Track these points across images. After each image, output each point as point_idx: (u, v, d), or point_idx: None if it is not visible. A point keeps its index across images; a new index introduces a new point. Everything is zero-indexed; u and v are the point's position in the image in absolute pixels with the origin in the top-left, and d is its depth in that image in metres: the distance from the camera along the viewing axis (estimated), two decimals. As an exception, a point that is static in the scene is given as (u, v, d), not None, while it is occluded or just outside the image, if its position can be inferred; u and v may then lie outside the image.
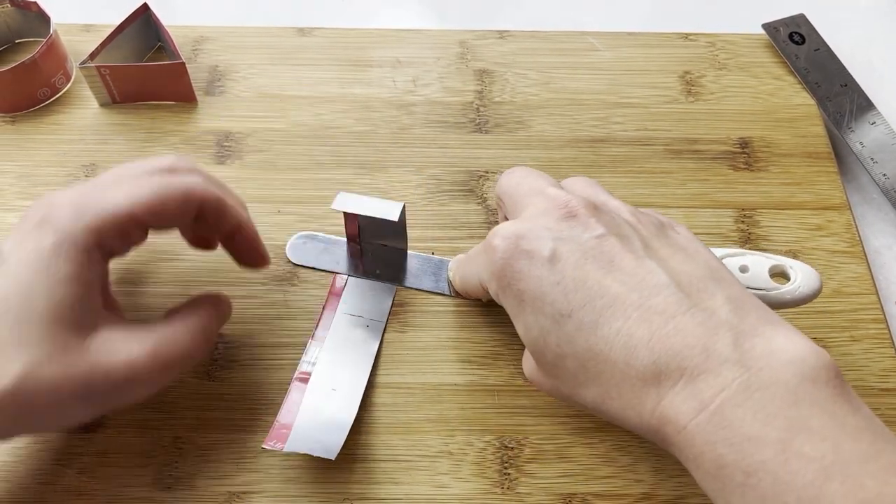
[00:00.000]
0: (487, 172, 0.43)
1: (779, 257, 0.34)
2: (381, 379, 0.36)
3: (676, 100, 0.47)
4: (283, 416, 0.34)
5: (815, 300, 0.39)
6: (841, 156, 0.46)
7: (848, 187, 0.44)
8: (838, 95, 0.47)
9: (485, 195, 0.43)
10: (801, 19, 0.51)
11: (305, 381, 0.36)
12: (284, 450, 0.33)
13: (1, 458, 0.34)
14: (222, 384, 0.36)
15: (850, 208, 0.42)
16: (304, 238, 0.40)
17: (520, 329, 0.29)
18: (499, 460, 0.34)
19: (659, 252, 0.28)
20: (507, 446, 0.35)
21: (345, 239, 0.40)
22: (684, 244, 0.29)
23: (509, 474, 0.34)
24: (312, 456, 0.34)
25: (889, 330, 0.38)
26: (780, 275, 0.34)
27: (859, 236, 0.41)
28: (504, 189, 0.33)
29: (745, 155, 0.45)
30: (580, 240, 0.28)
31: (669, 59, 0.49)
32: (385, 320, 0.38)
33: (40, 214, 0.29)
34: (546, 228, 0.28)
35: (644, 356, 0.25)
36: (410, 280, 0.39)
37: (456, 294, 0.38)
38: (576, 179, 0.33)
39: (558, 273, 0.27)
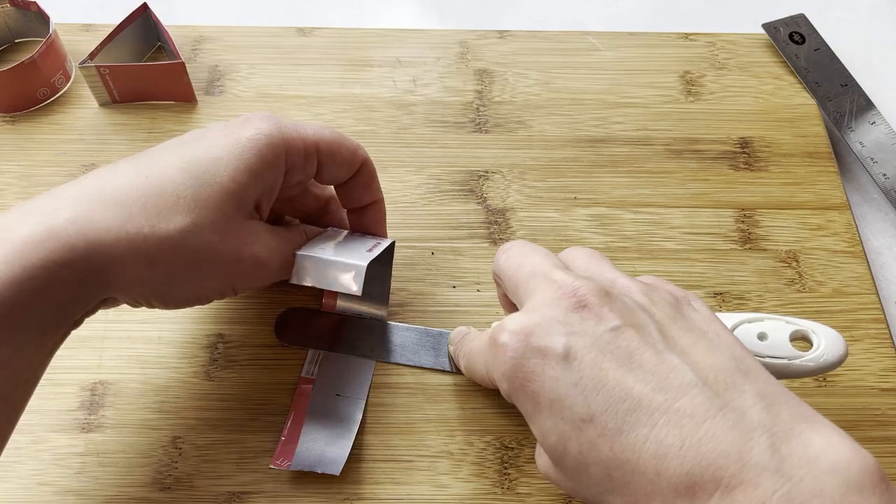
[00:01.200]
0: (487, 172, 0.43)
1: (799, 321, 0.32)
2: (381, 379, 0.36)
3: (677, 100, 0.47)
4: (289, 431, 0.34)
5: (815, 300, 0.39)
6: (841, 156, 0.46)
7: (848, 187, 0.44)
8: (838, 95, 0.47)
9: (485, 195, 0.43)
10: (801, 19, 0.51)
11: (310, 383, 0.36)
12: (290, 467, 0.33)
13: (1, 459, 0.34)
14: (222, 384, 0.36)
15: (851, 208, 0.42)
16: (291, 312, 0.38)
17: (536, 433, 0.27)
18: (499, 460, 0.34)
19: (679, 342, 0.26)
20: (507, 446, 0.35)
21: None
22: (704, 326, 0.27)
23: (509, 474, 0.34)
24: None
25: (889, 330, 0.38)
26: (800, 338, 0.32)
27: (859, 236, 0.41)
28: (503, 270, 0.31)
29: (745, 155, 0.45)
30: (595, 333, 0.26)
31: (670, 58, 0.49)
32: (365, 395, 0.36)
33: (245, 117, 0.32)
34: (557, 322, 0.27)
35: (675, 466, 0.23)
36: (407, 356, 0.37)
37: (458, 371, 0.35)
38: (577, 253, 0.31)
39: (575, 373, 0.25)
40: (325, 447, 0.33)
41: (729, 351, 0.26)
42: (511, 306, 0.33)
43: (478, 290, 0.39)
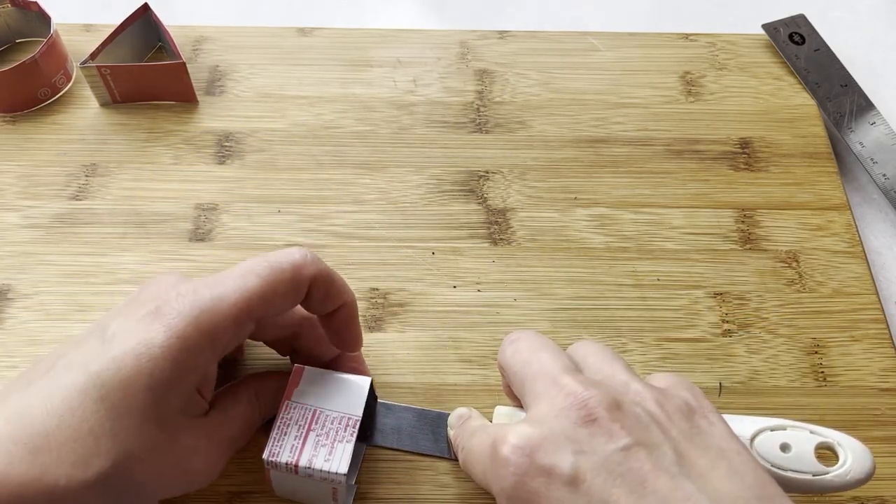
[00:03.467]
0: (488, 172, 0.43)
1: (824, 430, 0.30)
2: (381, 378, 0.36)
3: (677, 100, 0.47)
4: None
5: (815, 300, 0.39)
6: (841, 156, 0.46)
7: (848, 187, 0.45)
8: (838, 96, 0.47)
9: (485, 195, 0.43)
10: (801, 20, 0.51)
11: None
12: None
13: (1, 458, 0.34)
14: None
15: (851, 208, 0.42)
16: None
17: None
18: (499, 460, 0.34)
19: (696, 464, 0.24)
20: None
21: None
22: (722, 444, 0.25)
23: (510, 474, 0.34)
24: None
25: (889, 330, 0.38)
26: (825, 449, 0.30)
27: (859, 236, 0.41)
28: (509, 364, 0.29)
29: (745, 155, 0.45)
30: (604, 453, 0.24)
31: (670, 59, 0.49)
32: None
33: (154, 305, 0.28)
34: (564, 437, 0.25)
35: None
36: (403, 440, 0.34)
37: (457, 459, 0.31)
38: (589, 349, 0.29)
39: (582, 498, 0.23)
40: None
41: (750, 475, 0.24)
42: (514, 396, 0.31)
43: (478, 291, 0.39)
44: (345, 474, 0.29)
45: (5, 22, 0.47)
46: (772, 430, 0.30)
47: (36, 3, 0.46)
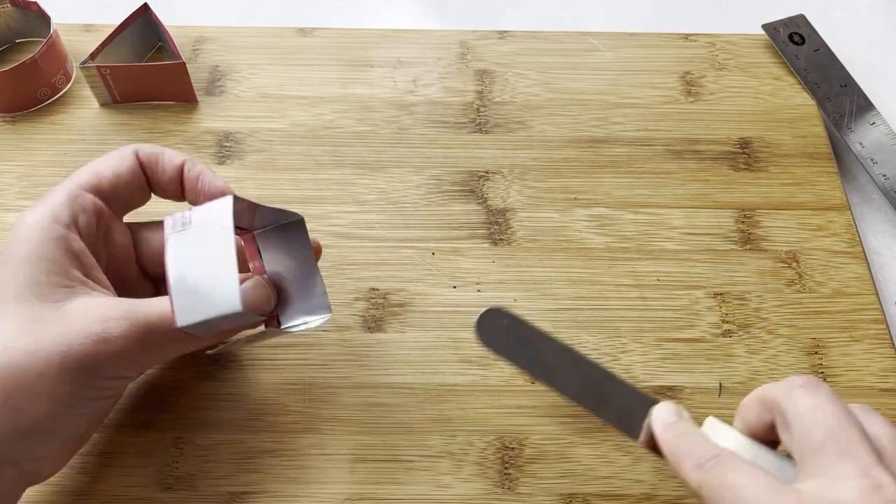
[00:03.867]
0: (488, 173, 0.43)
1: None
2: (381, 379, 0.36)
3: (677, 100, 0.47)
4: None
5: (815, 300, 0.39)
6: (841, 156, 0.46)
7: (848, 188, 0.45)
8: (838, 96, 0.47)
9: (485, 195, 0.43)
10: (800, 20, 0.51)
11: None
12: (179, 324, 0.28)
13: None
14: (223, 384, 0.36)
15: (850, 209, 0.43)
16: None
17: None
18: (500, 460, 0.34)
19: None
20: (507, 446, 0.35)
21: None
22: None
23: (510, 474, 0.34)
24: (312, 454, 0.34)
25: (889, 330, 0.38)
26: None
27: (859, 237, 0.41)
28: (802, 415, 0.25)
29: (745, 155, 0.45)
30: None
31: (670, 59, 0.49)
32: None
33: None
34: None
35: None
36: (600, 407, 0.30)
37: (653, 449, 0.29)
38: (884, 431, 0.26)
39: None
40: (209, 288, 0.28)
41: None
42: (759, 427, 0.27)
43: (478, 291, 0.39)
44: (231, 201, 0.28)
45: (5, 22, 0.47)
46: None
47: (36, 3, 0.46)
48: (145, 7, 0.46)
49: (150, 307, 0.28)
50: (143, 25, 0.47)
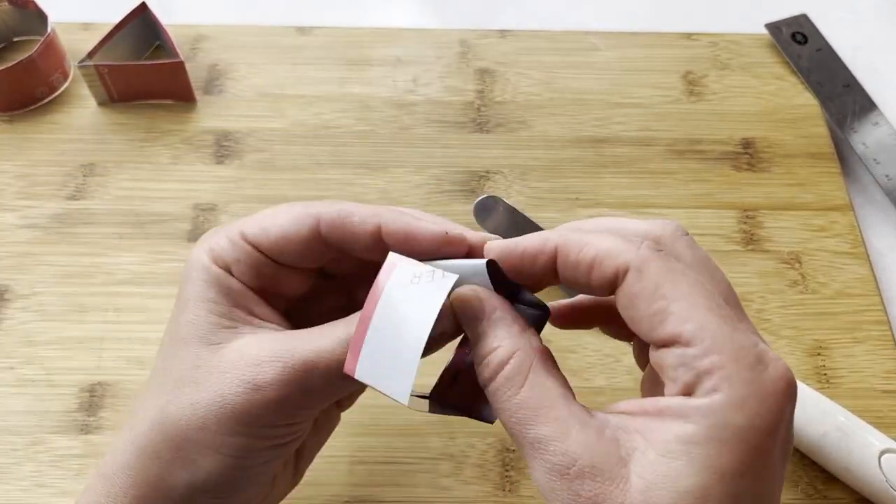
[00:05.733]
0: (489, 173, 0.43)
1: None
2: (381, 380, 0.36)
3: (679, 100, 0.47)
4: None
5: (817, 301, 0.39)
6: (844, 157, 0.45)
7: (851, 188, 0.44)
8: (841, 96, 0.47)
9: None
10: (803, 19, 0.51)
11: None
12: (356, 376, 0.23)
13: (0, 461, 0.34)
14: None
15: (853, 209, 0.42)
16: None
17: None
18: (500, 462, 0.34)
19: None
20: (508, 448, 0.34)
21: None
22: None
23: (511, 476, 0.34)
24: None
25: (892, 332, 0.38)
26: None
27: (862, 238, 0.41)
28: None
29: (747, 155, 0.44)
30: None
31: (671, 59, 0.49)
32: None
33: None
34: None
35: None
36: None
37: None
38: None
39: None
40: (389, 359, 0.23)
41: None
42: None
43: (479, 292, 0.39)
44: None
45: (2, 20, 0.47)
46: None
47: (33, 1, 0.46)
48: (143, 6, 0.46)
49: (305, 342, 0.24)
50: (142, 24, 0.46)
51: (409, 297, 0.23)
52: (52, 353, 0.37)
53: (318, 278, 0.28)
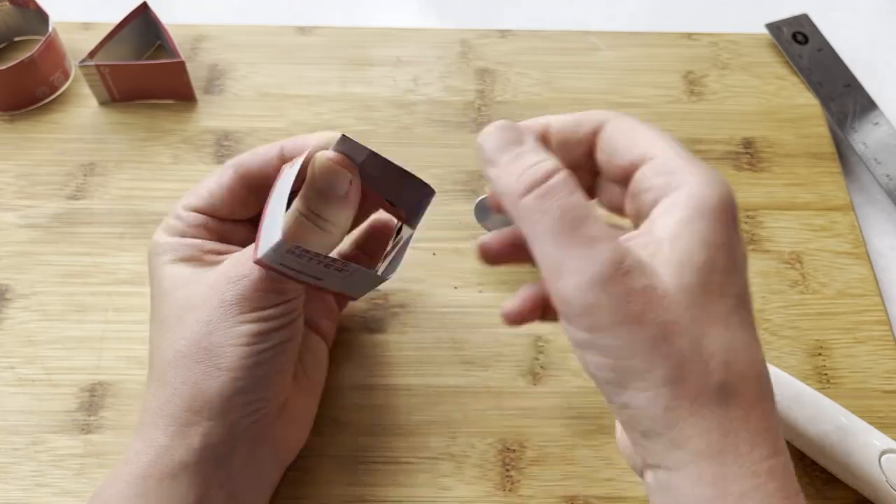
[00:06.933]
0: (489, 172, 0.43)
1: None
2: (381, 380, 0.36)
3: (679, 100, 0.47)
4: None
5: (818, 301, 0.39)
6: (844, 156, 0.45)
7: (851, 188, 0.44)
8: (841, 96, 0.47)
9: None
10: (804, 19, 0.51)
11: None
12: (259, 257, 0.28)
13: (0, 460, 0.34)
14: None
15: (854, 209, 0.42)
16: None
17: None
18: (501, 462, 0.34)
19: None
20: (509, 448, 0.34)
21: None
22: None
23: (511, 476, 0.34)
24: (312, 456, 0.34)
25: (893, 332, 0.38)
26: None
27: (863, 238, 0.41)
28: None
29: (748, 155, 0.44)
30: None
31: (672, 58, 0.49)
32: None
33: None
34: None
35: None
36: None
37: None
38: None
39: None
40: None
41: None
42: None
43: (480, 292, 0.39)
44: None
45: (3, 20, 0.47)
46: None
47: (34, 0, 0.46)
48: (144, 5, 0.46)
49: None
50: (142, 24, 0.46)
51: (280, 184, 0.29)
52: (52, 353, 0.37)
53: None
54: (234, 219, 0.32)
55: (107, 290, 0.39)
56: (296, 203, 0.29)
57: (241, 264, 0.29)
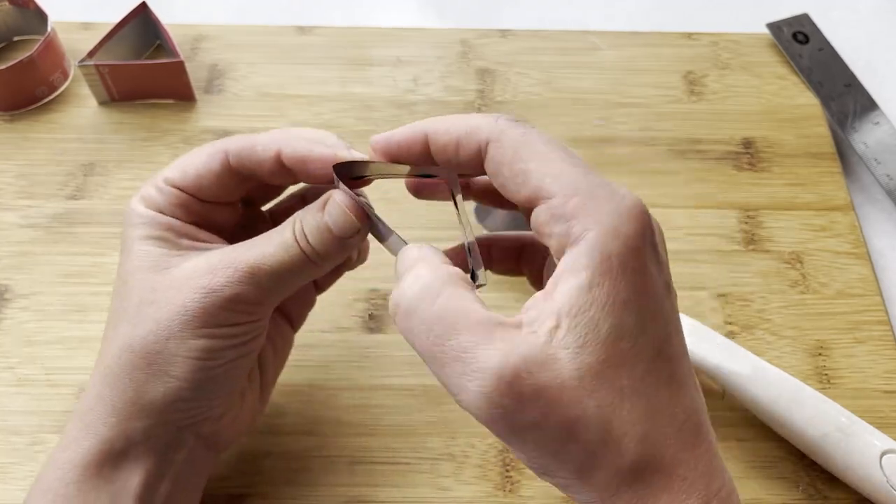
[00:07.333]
0: (489, 172, 0.43)
1: None
2: (381, 381, 0.36)
3: (679, 99, 0.47)
4: None
5: (818, 301, 0.39)
6: (845, 156, 0.45)
7: (852, 188, 0.44)
8: (842, 95, 0.47)
9: (486, 195, 0.42)
10: (804, 19, 0.50)
11: None
12: None
13: (-2, 460, 0.34)
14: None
15: (854, 209, 0.42)
16: None
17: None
18: (501, 462, 0.34)
19: None
20: (508, 448, 0.34)
21: None
22: None
23: (511, 476, 0.34)
24: (312, 456, 0.34)
25: (893, 332, 0.38)
26: None
27: (863, 237, 0.41)
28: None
29: (748, 155, 0.44)
30: None
31: (672, 58, 0.49)
32: None
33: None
34: None
35: None
36: None
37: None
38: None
39: None
40: None
41: None
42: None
43: (479, 292, 0.39)
44: None
45: (2, 20, 0.47)
46: None
47: (34, 0, 0.46)
48: (143, 5, 0.46)
49: (249, 249, 0.28)
50: (142, 23, 0.46)
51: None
52: (52, 353, 0.37)
53: (250, 207, 0.32)
54: (215, 201, 0.30)
55: (107, 290, 0.38)
56: (292, 225, 0.28)
57: (213, 274, 0.27)
